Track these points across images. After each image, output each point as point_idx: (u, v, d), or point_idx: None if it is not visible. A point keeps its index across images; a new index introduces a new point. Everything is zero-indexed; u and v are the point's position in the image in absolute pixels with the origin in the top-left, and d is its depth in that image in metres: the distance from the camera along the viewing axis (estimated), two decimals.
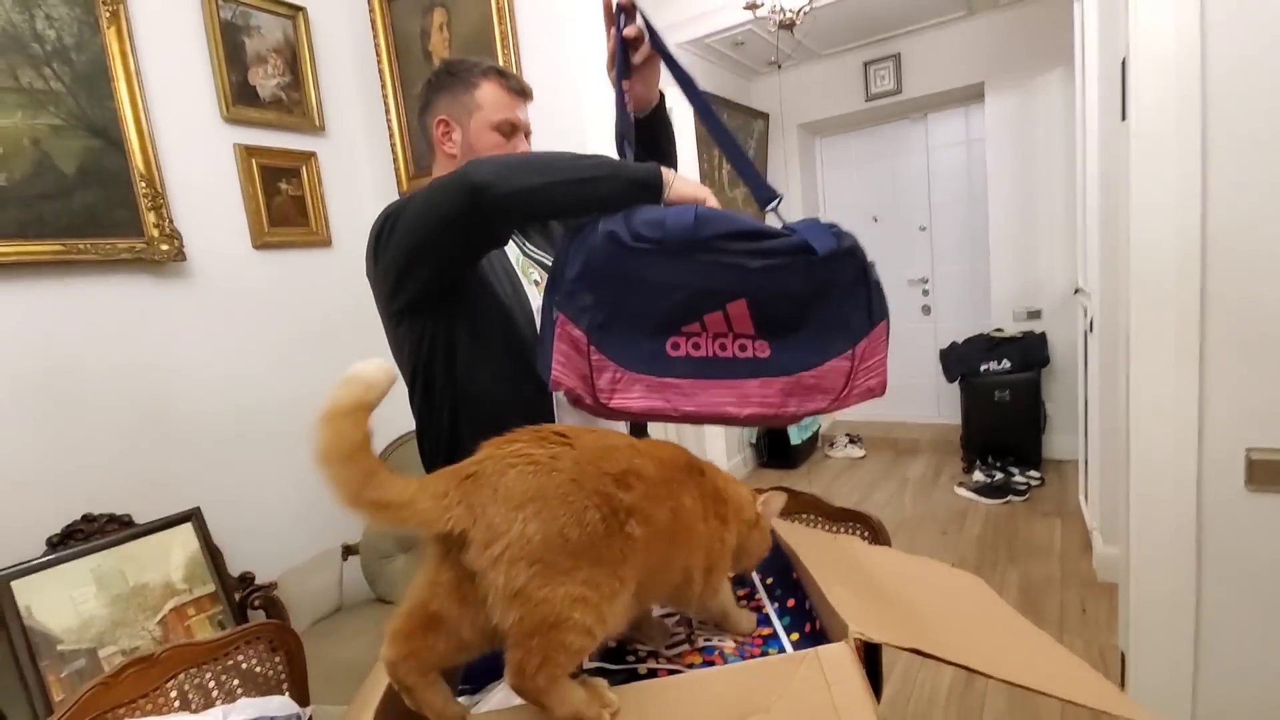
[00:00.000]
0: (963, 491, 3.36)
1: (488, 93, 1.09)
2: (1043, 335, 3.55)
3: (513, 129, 1.10)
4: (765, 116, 4.11)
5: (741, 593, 0.88)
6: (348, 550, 2.06)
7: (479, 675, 0.66)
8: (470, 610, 0.51)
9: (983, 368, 3.49)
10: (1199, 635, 1.24)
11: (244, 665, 1.02)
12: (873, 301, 0.85)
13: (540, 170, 0.82)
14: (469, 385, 0.98)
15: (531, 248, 1.13)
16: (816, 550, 0.85)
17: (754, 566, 0.82)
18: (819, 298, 0.83)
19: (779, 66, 3.31)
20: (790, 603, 0.82)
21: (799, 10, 2.27)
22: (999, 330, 3.66)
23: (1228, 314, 1.16)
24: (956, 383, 3.66)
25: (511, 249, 1.09)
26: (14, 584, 1.50)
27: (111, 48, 1.72)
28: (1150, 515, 1.27)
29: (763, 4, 2.25)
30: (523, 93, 1.13)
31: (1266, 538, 1.18)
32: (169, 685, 0.93)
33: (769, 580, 0.90)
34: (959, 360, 3.61)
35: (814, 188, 4.47)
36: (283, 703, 0.81)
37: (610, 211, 0.80)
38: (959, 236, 4.11)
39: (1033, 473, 3.36)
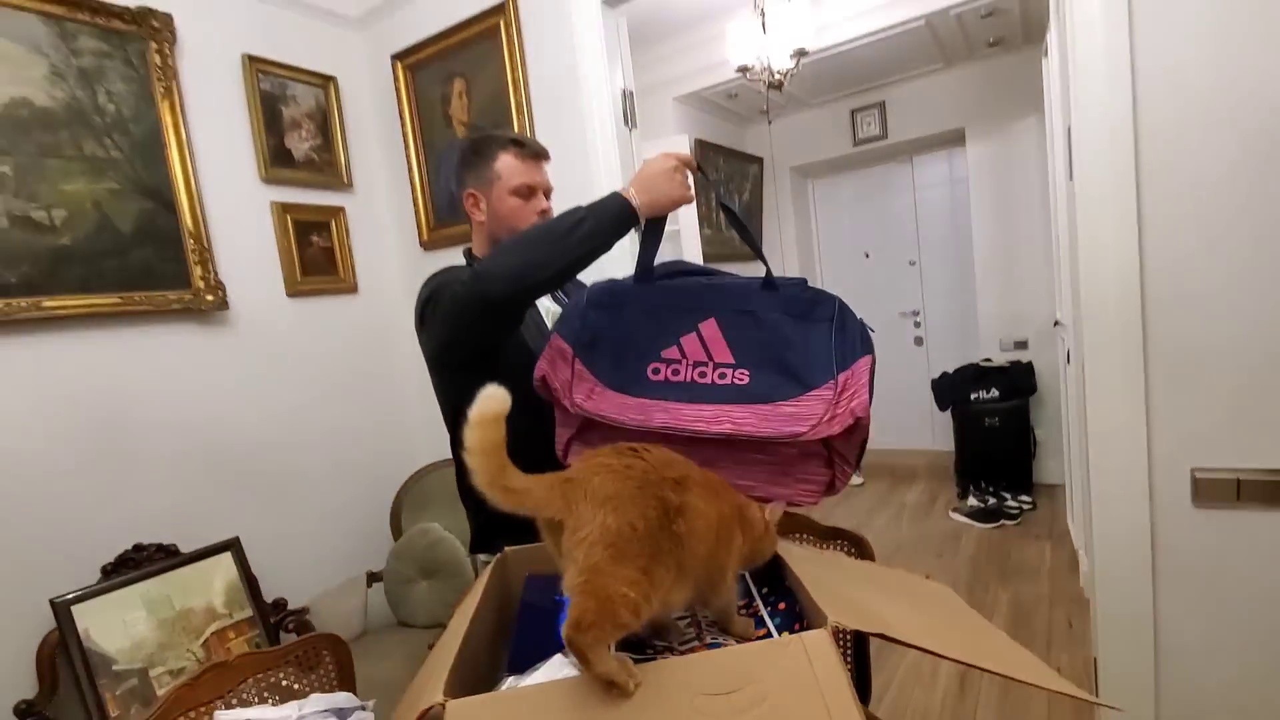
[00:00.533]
0: (957, 516, 3.48)
1: (505, 163, 1.26)
2: (1029, 364, 3.70)
3: (530, 191, 1.27)
4: (759, 161, 4.33)
5: (742, 602, 1.01)
6: (372, 577, 2.18)
7: (525, 664, 0.80)
8: None
9: (972, 396, 3.63)
10: (1158, 640, 1.37)
11: (301, 673, 1.15)
12: (856, 340, 0.91)
13: (543, 261, 0.97)
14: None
15: (564, 295, 1.29)
16: (805, 562, 0.98)
17: (763, 563, 0.94)
18: (796, 330, 0.91)
19: (769, 122, 3.53)
20: (781, 606, 0.95)
21: (786, 72, 2.48)
22: (987, 360, 3.82)
23: (1167, 349, 1.31)
24: (949, 411, 3.80)
25: (543, 299, 1.25)
26: (74, 608, 1.62)
27: (165, 119, 1.90)
28: (1110, 532, 1.40)
29: (753, 66, 2.45)
30: (538, 156, 1.30)
31: (1213, 550, 1.32)
32: (241, 688, 1.06)
33: (764, 590, 1.03)
34: (949, 389, 3.75)
35: (808, 227, 4.67)
36: (348, 697, 0.94)
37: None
38: (947, 270, 4.29)
39: (1024, 497, 3.48)
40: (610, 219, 0.97)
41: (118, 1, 1.79)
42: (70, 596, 1.63)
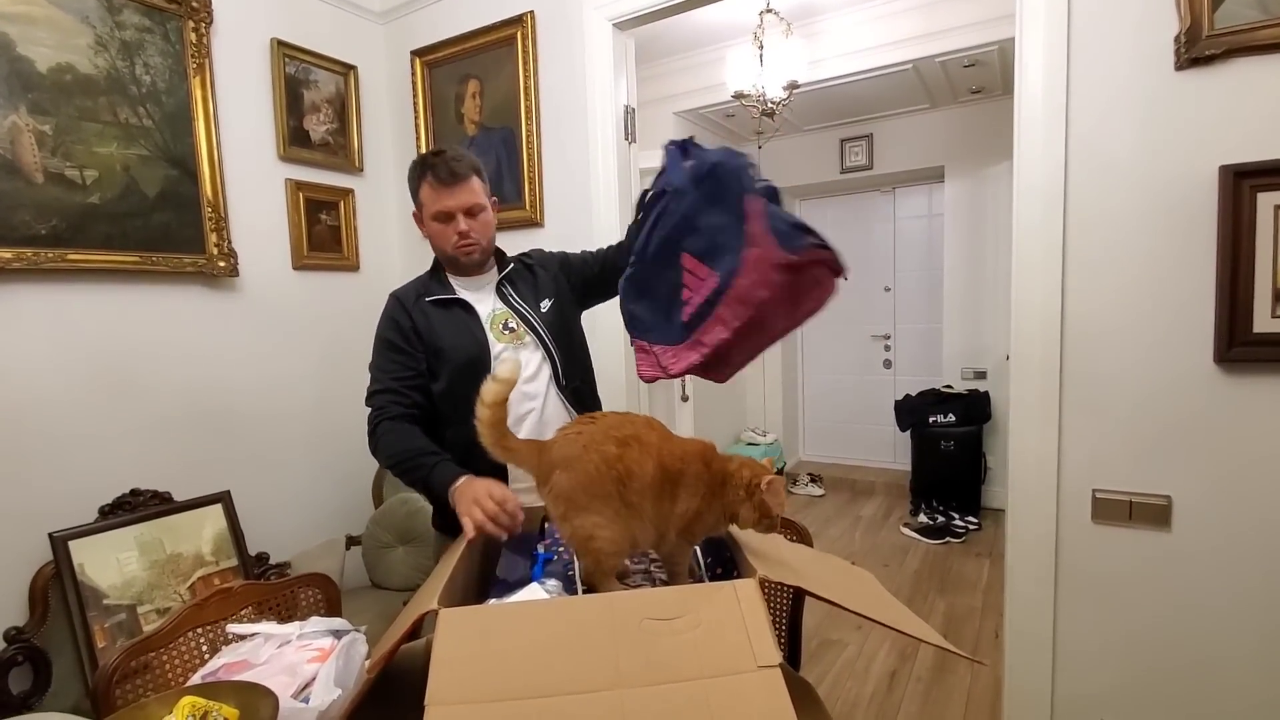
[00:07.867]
0: (907, 531, 3.68)
1: (425, 192, 1.33)
2: (986, 394, 3.92)
3: (448, 217, 1.33)
4: None
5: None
6: (350, 540, 2.31)
7: (504, 594, 0.95)
8: None
9: (931, 419, 3.84)
10: (1056, 639, 1.55)
11: (294, 608, 1.29)
12: (745, 186, 1.11)
13: (391, 467, 1.31)
14: (444, 407, 1.35)
15: (516, 299, 1.40)
16: (745, 537, 1.15)
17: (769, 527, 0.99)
18: (714, 215, 1.13)
19: (759, 147, 3.72)
20: (719, 571, 1.11)
21: (779, 101, 2.65)
22: (948, 386, 4.03)
23: (1077, 384, 1.50)
24: (908, 432, 4.00)
25: (486, 304, 1.39)
26: (71, 544, 1.73)
27: (195, 93, 2.02)
28: (1022, 540, 1.59)
29: (749, 93, 2.63)
30: (451, 180, 1.30)
31: (1107, 560, 1.50)
32: (242, 613, 1.19)
33: (708, 560, 1.19)
34: (910, 411, 3.96)
35: None
36: (342, 622, 1.07)
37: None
38: (919, 298, 4.51)
39: (971, 518, 3.69)
40: (430, 486, 1.20)
41: None
42: (68, 532, 1.74)
